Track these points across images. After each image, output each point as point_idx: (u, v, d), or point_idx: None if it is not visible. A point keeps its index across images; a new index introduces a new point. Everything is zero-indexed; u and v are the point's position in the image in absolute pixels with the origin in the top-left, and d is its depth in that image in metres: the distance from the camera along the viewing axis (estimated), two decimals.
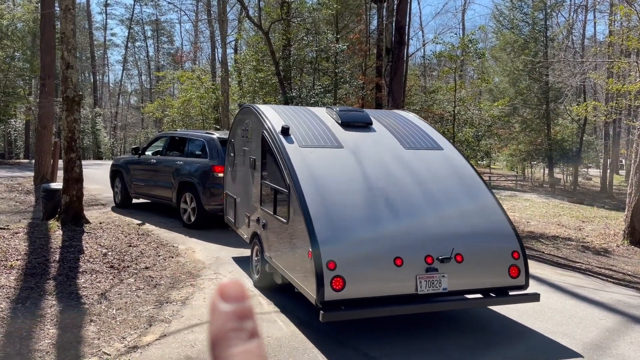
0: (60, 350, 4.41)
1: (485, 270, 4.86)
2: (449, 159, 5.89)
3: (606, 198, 28.21)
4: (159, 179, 10.74)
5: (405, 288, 4.52)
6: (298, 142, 5.52)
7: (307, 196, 4.74)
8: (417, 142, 6.03)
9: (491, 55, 35.46)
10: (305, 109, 6.84)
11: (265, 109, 6.45)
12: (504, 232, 5.04)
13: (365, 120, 6.29)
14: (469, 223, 5.02)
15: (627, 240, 11.68)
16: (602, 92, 30.36)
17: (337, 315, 4.37)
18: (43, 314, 5.16)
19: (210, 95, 24.03)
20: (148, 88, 59.24)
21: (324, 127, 6.01)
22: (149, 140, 12.78)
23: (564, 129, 31.86)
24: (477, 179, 5.64)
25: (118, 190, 12.00)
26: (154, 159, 11.09)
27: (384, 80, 15.07)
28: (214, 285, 6.50)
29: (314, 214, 4.58)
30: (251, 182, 6.67)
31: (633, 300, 6.73)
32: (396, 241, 4.65)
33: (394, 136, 6.06)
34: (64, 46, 9.03)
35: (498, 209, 5.26)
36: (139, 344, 4.65)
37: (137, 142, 52.62)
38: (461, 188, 5.45)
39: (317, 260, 4.29)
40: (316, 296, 4.29)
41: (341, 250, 4.44)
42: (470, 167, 5.82)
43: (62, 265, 6.89)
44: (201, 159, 9.81)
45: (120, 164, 12.06)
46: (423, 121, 6.93)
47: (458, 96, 20.14)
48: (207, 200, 9.45)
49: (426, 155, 5.83)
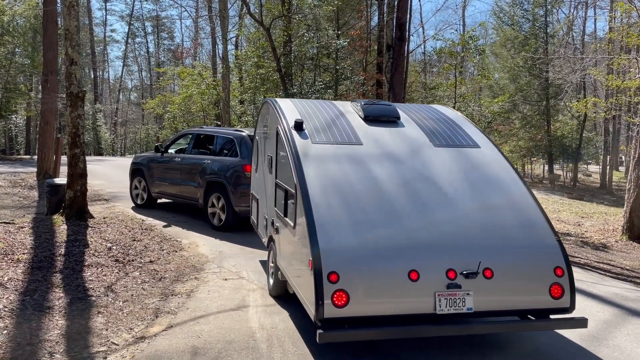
0: (69, 341, 4.51)
1: (521, 289, 4.23)
2: (486, 158, 5.26)
3: (606, 194, 28.31)
4: (184, 178, 10.29)
5: (421, 307, 3.98)
6: (312, 137, 5.08)
7: (313, 198, 4.31)
8: (450, 139, 5.46)
9: (491, 51, 35.52)
10: (329, 102, 6.33)
11: (283, 103, 6.02)
12: (546, 245, 4.40)
13: (392, 114, 5.74)
14: (503, 233, 4.41)
15: (626, 236, 11.78)
16: (602, 89, 30.39)
17: (337, 336, 3.89)
18: (51, 306, 5.26)
19: (211, 91, 24.10)
20: (148, 84, 59.28)
21: (344, 122, 5.53)
22: (172, 138, 12.19)
23: (564, 125, 31.96)
24: (518, 182, 4.99)
25: (139, 190, 11.48)
26: (179, 157, 10.62)
27: (384, 76, 15.15)
28: (217, 279, 6.62)
29: (317, 218, 4.13)
30: (268, 182, 6.30)
31: (630, 294, 6.84)
32: (413, 252, 4.09)
33: (423, 132, 5.51)
34: (67, 43, 9.11)
35: (540, 217, 4.61)
36: (146, 334, 4.75)
37: (137, 138, 52.71)
38: (497, 192, 4.82)
39: (317, 271, 3.82)
40: (314, 312, 3.83)
41: (346, 261, 3.93)
42: (510, 169, 5.17)
43: (67, 259, 6.99)
44: (231, 158, 9.41)
45: (141, 162, 11.51)
46: (462, 116, 6.25)
47: (458, 92, 20.23)
48: (237, 201, 9.06)
49: (458, 154, 5.22)
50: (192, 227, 9.71)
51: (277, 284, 5.56)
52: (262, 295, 5.97)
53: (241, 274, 6.88)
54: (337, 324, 3.84)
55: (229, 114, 22.76)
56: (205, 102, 25.35)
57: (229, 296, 5.92)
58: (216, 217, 9.57)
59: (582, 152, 31.26)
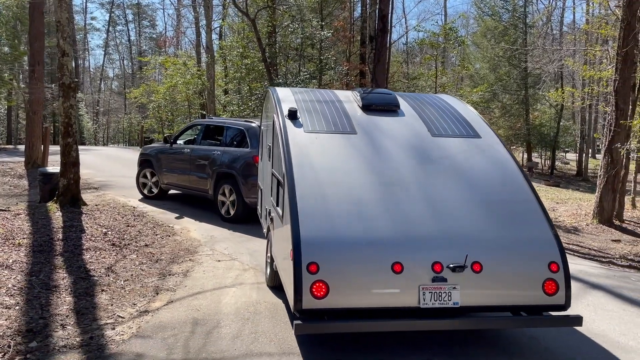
0: (78, 315, 4.88)
1: (512, 284, 4.06)
2: (485, 148, 5.13)
3: (581, 181, 29.18)
4: (194, 170, 10.26)
5: (404, 300, 3.87)
6: (305, 126, 5.01)
7: (298, 187, 4.23)
8: (449, 129, 5.35)
9: (472, 41, 36.10)
10: (329, 91, 6.25)
11: (281, 92, 5.94)
12: (541, 239, 4.25)
13: (390, 102, 5.62)
14: (496, 226, 4.27)
15: (596, 220, 12.42)
16: (579, 79, 31.19)
17: (315, 328, 3.81)
18: (57, 285, 5.62)
19: (196, 81, 24.26)
20: (130, 73, 58.85)
21: (341, 111, 5.45)
22: (180, 129, 12.04)
23: (542, 114, 32.75)
24: (517, 174, 4.84)
25: (149, 181, 11.45)
26: (188, 147, 10.58)
27: (367, 67, 15.55)
28: (211, 260, 7.02)
29: (302, 208, 4.06)
30: (267, 172, 6.28)
31: (594, 270, 7.41)
32: (398, 244, 3.97)
33: (422, 121, 5.42)
34: (59, 34, 9.34)
35: (537, 210, 4.47)
36: (149, 308, 5.15)
37: (120, 127, 52.45)
38: (493, 184, 4.68)
39: (296, 261, 3.76)
40: (293, 303, 3.77)
41: (327, 252, 3.84)
42: (511, 160, 5.02)
43: (66, 243, 7.32)
44: (241, 149, 9.39)
45: (150, 153, 11.46)
46: (466, 105, 6.10)
47: (439, 82, 20.72)
48: (247, 193, 9.04)
49: (457, 144, 5.11)
50: (184, 213, 10.10)
51: (273, 275, 5.52)
52: (254, 275, 6.39)
53: (233, 256, 7.28)
54: (316, 315, 3.78)
55: (214, 104, 22.97)
56: (190, 92, 25.49)
57: (223, 275, 6.33)
58: (226, 209, 9.57)
59: (559, 141, 32.10)
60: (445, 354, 4.32)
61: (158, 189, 11.34)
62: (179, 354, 4.14)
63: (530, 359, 4.31)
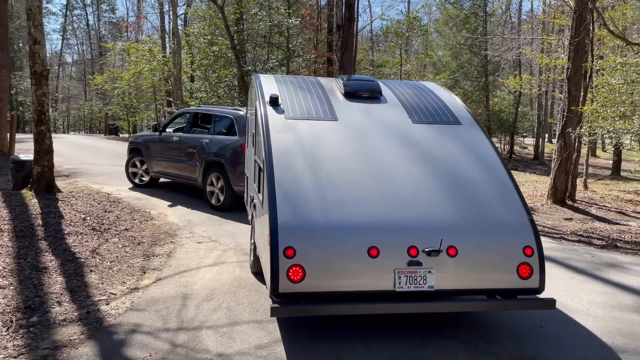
0: (72, 293, 5.16)
1: (487, 268, 4.13)
2: (465, 135, 5.19)
3: (538, 165, 30.47)
4: (182, 158, 10.32)
5: (380, 284, 3.95)
6: (286, 113, 5.09)
7: (277, 173, 4.29)
8: (430, 116, 5.42)
9: (435, 29, 36.87)
10: (313, 78, 6.31)
11: (264, 79, 6.00)
12: (517, 223, 4.31)
13: (373, 89, 5.70)
14: (472, 210, 4.33)
15: (551, 200, 13.25)
16: (536, 66, 32.36)
17: (291, 311, 3.92)
18: (46, 267, 5.85)
19: (162, 67, 24.09)
20: (90, 59, 57.41)
21: (324, 98, 5.53)
22: (169, 117, 11.95)
23: (501, 100, 33.88)
24: (495, 160, 4.91)
25: (139, 170, 11.53)
26: (177, 136, 10.64)
27: (335, 54, 15.93)
28: (192, 242, 7.34)
29: (279, 193, 4.12)
30: (251, 159, 6.36)
31: (547, 245, 8.08)
32: (374, 229, 4.03)
33: (404, 108, 5.50)
34: (30, 22, 9.36)
35: (514, 196, 4.54)
36: (138, 286, 5.47)
37: (81, 114, 51.31)
38: (471, 169, 4.75)
39: (273, 246, 3.84)
40: (270, 287, 3.85)
41: (304, 237, 3.92)
42: (489, 146, 5.09)
43: (47, 228, 7.49)
44: (229, 137, 9.41)
45: (139, 142, 11.51)
46: (448, 93, 6.17)
47: (404, 70, 21.28)
48: (236, 181, 9.07)
49: (437, 131, 5.18)
50: (163, 198, 10.34)
51: (256, 261, 5.55)
52: (234, 254, 6.75)
53: (212, 237, 7.62)
54: (293, 298, 3.87)
55: (181, 91, 22.92)
56: (156, 79, 25.30)
57: (205, 255, 6.68)
58: (214, 197, 9.65)
59: (517, 126, 33.33)
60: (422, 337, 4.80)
61: (148, 177, 11.41)
62: (174, 323, 4.49)
63: (494, 320, 4.84)
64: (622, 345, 4.39)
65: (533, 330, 4.59)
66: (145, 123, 39.76)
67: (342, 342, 4.21)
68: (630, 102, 12.20)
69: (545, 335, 4.49)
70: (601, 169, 29.21)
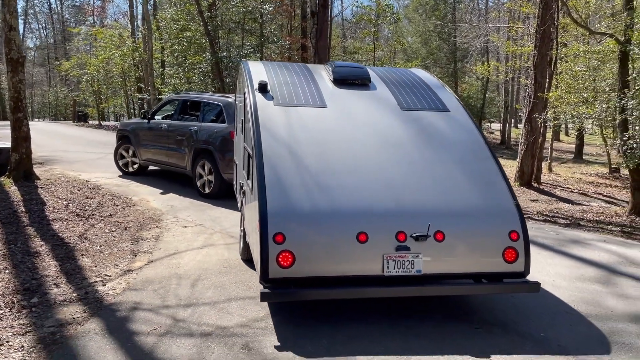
0: (67, 275, 5.32)
1: (474, 253, 4.23)
2: (453, 122, 5.25)
3: (505, 149, 31.34)
4: (171, 146, 10.25)
5: (369, 268, 4.03)
6: (275, 99, 5.09)
7: (266, 159, 4.31)
8: (418, 103, 5.46)
9: (405, 15, 37.26)
10: (302, 65, 6.33)
11: (253, 66, 5.97)
12: (503, 209, 4.40)
13: (362, 76, 5.72)
14: (460, 196, 4.42)
15: (518, 183, 13.84)
16: (503, 53, 33.15)
17: (280, 296, 3.97)
18: (37, 251, 5.97)
19: (133, 53, 23.77)
20: (53, 43, 55.81)
21: (312, 85, 5.55)
22: (158, 104, 11.83)
23: (469, 86, 34.67)
24: (482, 146, 4.98)
25: (128, 158, 11.46)
26: (166, 123, 10.54)
27: (309, 41, 16.11)
28: (178, 226, 7.52)
29: (268, 179, 4.15)
30: (240, 146, 6.36)
31: None
32: (363, 215, 4.10)
33: (392, 95, 5.54)
34: (5, 9, 9.25)
35: (500, 181, 4.62)
36: (131, 268, 5.66)
37: (45, 101, 50.00)
38: (459, 156, 4.82)
39: (263, 232, 3.89)
40: (260, 272, 3.91)
41: (294, 222, 3.98)
42: (477, 133, 5.14)
43: (31, 215, 7.55)
44: (218, 124, 9.36)
45: (128, 129, 11.43)
46: (436, 80, 6.22)
47: (376, 56, 21.59)
48: (225, 168, 9.03)
49: (425, 117, 5.22)
50: (143, 184, 10.43)
51: (246, 248, 5.56)
52: (221, 237, 6.98)
53: (197, 222, 7.82)
54: (283, 284, 3.93)
55: (152, 77, 22.70)
56: (126, 65, 24.94)
57: (192, 238, 6.89)
58: (204, 185, 9.62)
59: (485, 112, 34.16)
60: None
61: (137, 165, 11.39)
62: (173, 300, 4.73)
63: (470, 296, 5.22)
64: (585, 311, 4.84)
65: (505, 300, 5.00)
66: (112, 110, 39.05)
67: (338, 320, 4.52)
68: (592, 88, 12.81)
69: (516, 304, 4.90)
70: (565, 152, 30.30)
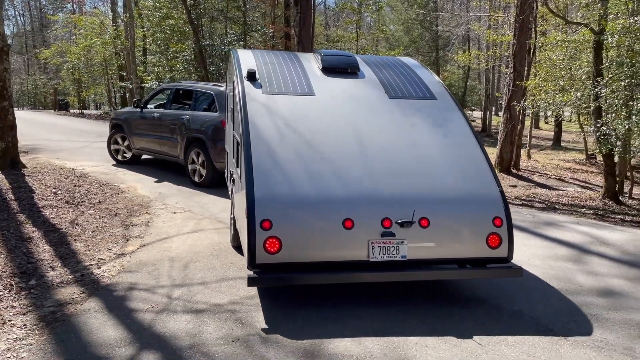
0: (62, 259, 5.47)
1: (458, 238, 4.32)
2: (440, 110, 5.32)
3: (486, 136, 31.83)
4: (164, 134, 10.26)
5: (355, 254, 4.15)
6: (264, 88, 5.16)
7: (254, 147, 4.39)
8: (406, 91, 5.53)
9: (388, 4, 37.40)
10: (291, 54, 6.37)
11: (242, 54, 6.01)
12: (487, 196, 4.49)
13: (350, 64, 5.78)
14: (445, 183, 4.51)
15: (497, 169, 14.21)
16: (484, 42, 33.53)
17: (267, 280, 4.04)
18: (31, 237, 6.10)
19: (114, 41, 23.58)
20: (30, 31, 54.75)
21: (301, 73, 5.60)
22: (151, 93, 11.84)
23: (451, 74, 35.03)
24: (468, 134, 5.06)
25: (121, 146, 11.49)
26: (158, 112, 10.53)
27: (293, 30, 16.21)
28: (167, 212, 7.68)
29: (256, 167, 4.24)
30: (230, 134, 6.40)
31: None
32: (349, 202, 4.19)
33: (380, 84, 5.61)
34: None
35: (486, 169, 4.71)
36: (124, 252, 5.83)
37: (24, 90, 49.17)
38: (445, 144, 4.90)
39: (250, 218, 3.99)
40: (247, 258, 4.02)
41: (281, 209, 4.06)
42: (463, 121, 5.22)
43: (20, 202, 7.64)
44: (210, 113, 9.39)
45: (121, 118, 11.44)
46: (425, 69, 6.27)
47: (359, 45, 21.76)
48: (217, 157, 9.07)
49: (412, 106, 5.29)
50: (130, 171, 10.53)
51: (236, 235, 5.58)
52: (210, 223, 7.17)
53: (186, 208, 7.98)
54: (270, 269, 4.03)
55: (135, 65, 22.57)
56: (107, 53, 24.74)
57: (182, 224, 7.06)
58: (196, 173, 9.65)
59: (467, 100, 34.60)
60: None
61: (131, 154, 11.43)
62: (166, 281, 4.92)
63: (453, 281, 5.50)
64: (558, 287, 5.16)
65: (484, 278, 5.29)
66: (93, 98, 38.59)
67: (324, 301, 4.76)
68: (569, 77, 13.17)
69: (494, 281, 5.19)
70: (543, 139, 30.89)
